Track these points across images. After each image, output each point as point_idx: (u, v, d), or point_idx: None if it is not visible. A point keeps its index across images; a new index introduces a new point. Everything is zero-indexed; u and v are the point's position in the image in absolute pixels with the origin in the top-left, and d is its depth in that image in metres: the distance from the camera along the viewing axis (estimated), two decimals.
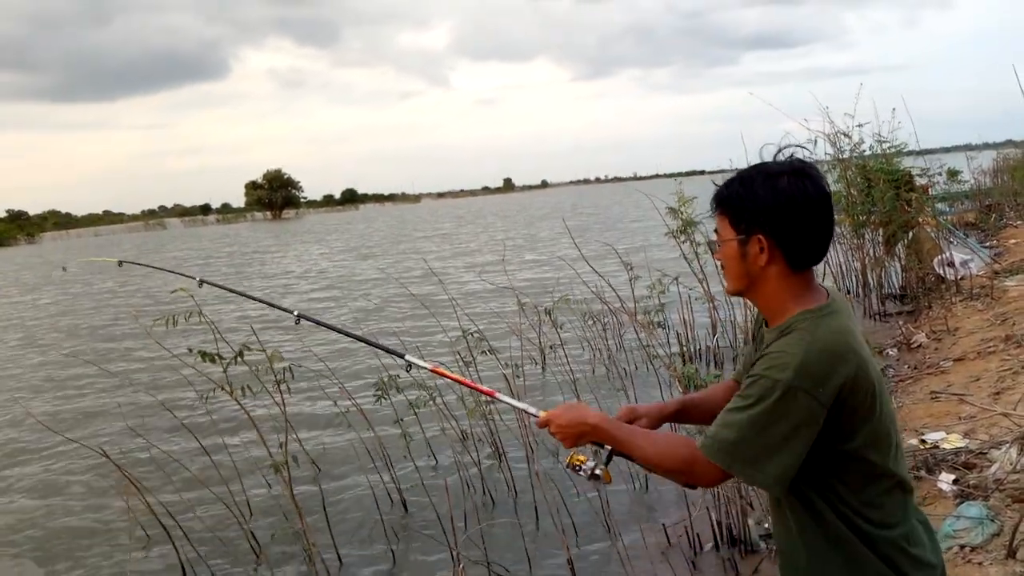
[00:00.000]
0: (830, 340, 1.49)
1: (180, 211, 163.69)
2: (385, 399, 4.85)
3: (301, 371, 5.71)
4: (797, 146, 1.63)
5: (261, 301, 2.81)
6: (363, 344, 2.49)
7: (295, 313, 2.50)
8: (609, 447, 1.73)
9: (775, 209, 1.53)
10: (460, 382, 2.20)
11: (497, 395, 2.09)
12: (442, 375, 2.19)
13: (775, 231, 1.54)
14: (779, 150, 1.64)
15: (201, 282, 2.89)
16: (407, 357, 2.21)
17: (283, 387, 3.90)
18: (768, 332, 1.61)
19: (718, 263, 1.73)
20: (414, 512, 5.10)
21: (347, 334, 2.57)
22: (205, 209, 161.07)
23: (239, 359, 3.81)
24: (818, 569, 1.58)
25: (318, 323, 2.58)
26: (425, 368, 2.17)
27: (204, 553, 4.58)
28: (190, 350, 3.91)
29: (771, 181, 1.54)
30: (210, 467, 5.52)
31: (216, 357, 3.83)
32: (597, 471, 1.77)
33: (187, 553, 4.55)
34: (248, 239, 49.80)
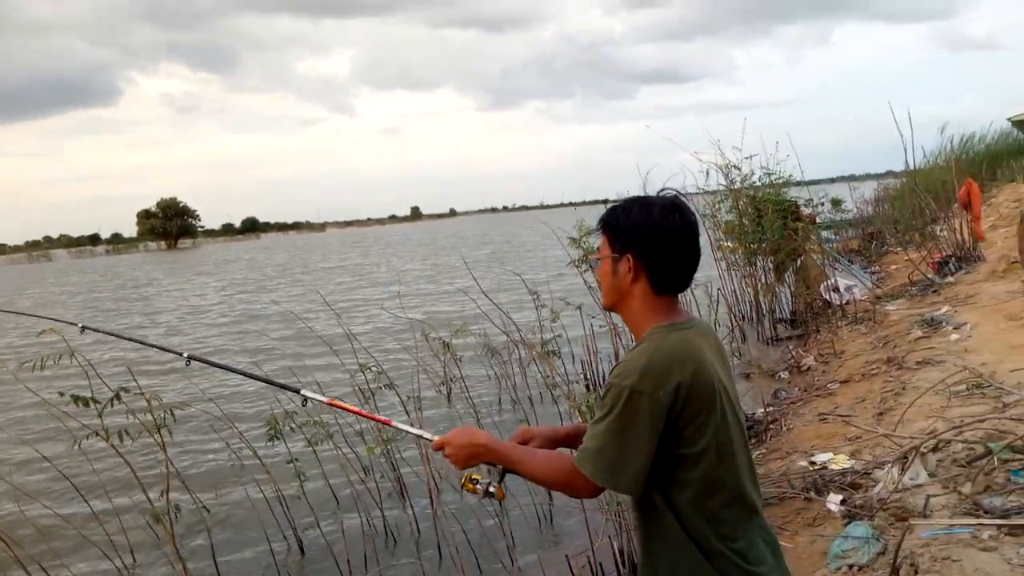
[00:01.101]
0: (672, 347, 1.63)
1: (67, 241, 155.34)
2: (278, 439, 4.65)
3: (190, 413, 5.45)
4: (675, 190, 1.80)
5: (151, 345, 2.69)
6: (259, 384, 2.41)
7: (185, 355, 2.47)
8: (500, 466, 1.84)
9: (644, 233, 1.70)
10: (356, 413, 2.28)
11: (393, 423, 2.21)
12: (339, 407, 2.26)
13: (642, 253, 1.70)
14: (662, 188, 1.80)
15: (83, 328, 2.74)
16: (303, 392, 2.27)
17: (163, 431, 3.67)
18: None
19: (596, 279, 1.88)
20: (311, 557, 4.90)
21: (240, 372, 2.56)
22: (94, 239, 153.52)
23: (115, 402, 3.56)
24: None
25: (209, 363, 2.57)
26: (322, 401, 2.24)
27: None
28: (61, 394, 3.64)
29: (645, 209, 1.71)
30: (90, 518, 5.15)
31: (91, 401, 3.57)
32: (491, 488, 1.87)
33: None
34: (138, 272, 47.64)
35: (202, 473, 6.43)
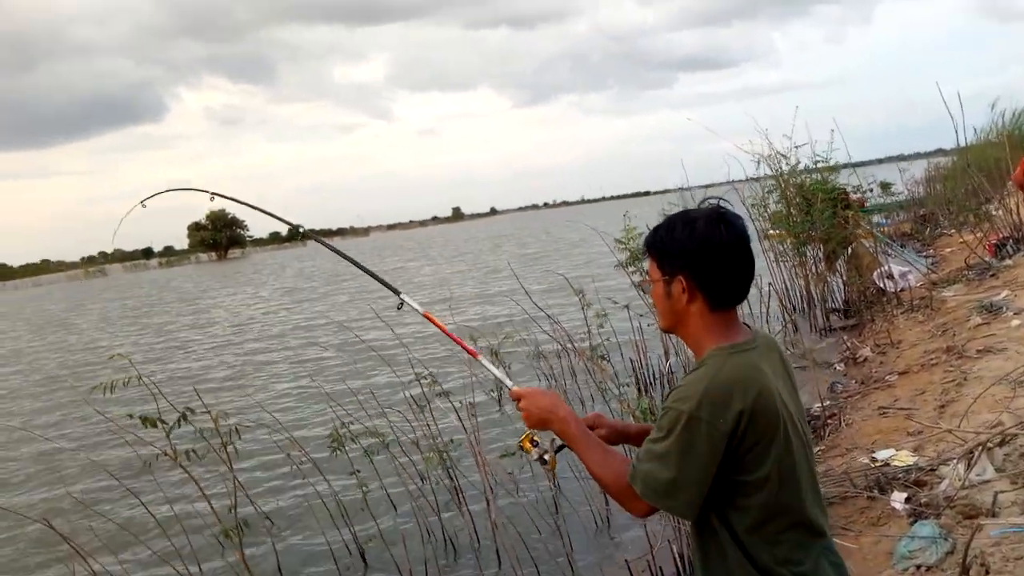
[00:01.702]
0: (733, 373, 1.59)
1: (121, 256, 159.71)
2: (340, 450, 4.74)
3: (250, 428, 5.58)
4: (719, 198, 1.75)
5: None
6: (311, 399, 2.46)
7: (401, 295, 2.42)
8: (564, 442, 1.83)
9: (693, 252, 1.66)
10: (448, 334, 2.27)
11: (480, 357, 2.24)
12: (432, 322, 2.27)
13: (694, 272, 1.66)
14: (704, 198, 1.77)
15: (213, 195, 2.77)
16: (402, 295, 2.36)
17: (230, 449, 3.78)
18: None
19: (651, 301, 1.85)
20: (374, 566, 4.98)
21: (353, 261, 2.61)
22: (147, 253, 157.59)
23: (182, 422, 3.68)
24: None
25: (339, 251, 2.75)
26: (417, 310, 2.28)
27: None
28: (131, 416, 3.77)
29: (689, 226, 1.67)
30: (159, 534, 5.30)
31: (158, 421, 3.69)
32: (546, 456, 1.88)
33: None
34: (190, 284, 48.76)
35: (264, 485, 6.57)
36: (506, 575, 4.58)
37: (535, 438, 1.89)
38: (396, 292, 2.36)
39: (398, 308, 2.37)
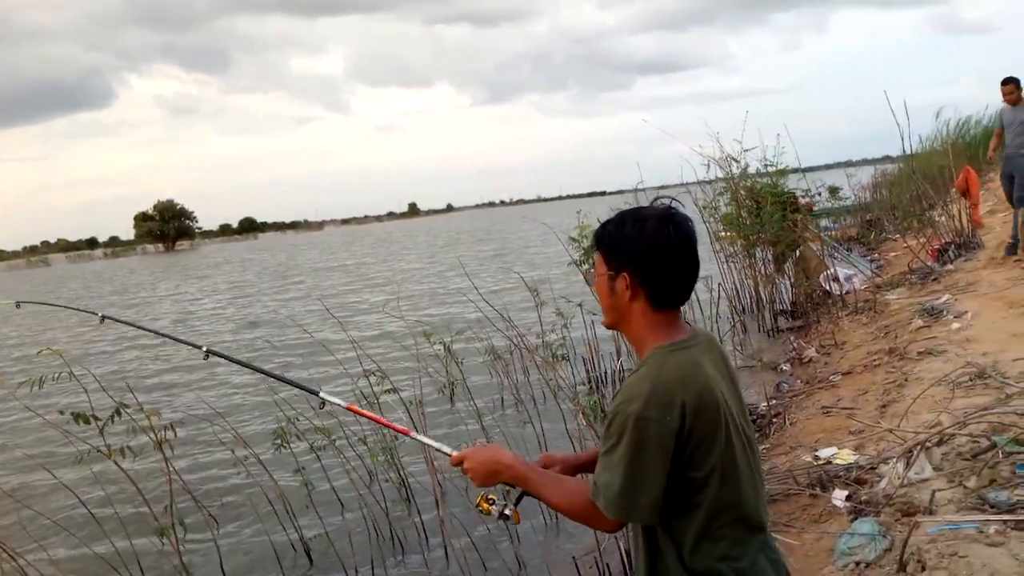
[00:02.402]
0: (675, 370, 1.59)
1: (64, 246, 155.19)
2: (285, 448, 4.65)
3: (193, 421, 5.45)
4: (672, 198, 1.74)
5: (169, 336, 2.65)
6: (260, 396, 2.39)
7: (204, 348, 2.47)
8: (520, 489, 1.81)
9: (639, 251, 1.65)
10: (375, 420, 2.24)
11: (412, 434, 2.17)
12: (358, 413, 2.22)
13: (639, 270, 1.66)
14: (656, 197, 1.76)
15: (103, 318, 2.73)
16: (321, 394, 2.25)
17: (164, 446, 3.67)
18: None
19: (596, 296, 1.82)
20: (319, 563, 4.90)
21: (259, 370, 2.52)
22: (92, 243, 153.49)
23: (115, 418, 3.56)
24: None
25: (228, 359, 2.58)
26: (339, 405, 2.20)
27: None
28: (62, 412, 3.64)
29: (639, 224, 1.66)
30: (95, 528, 5.14)
31: (91, 418, 3.57)
32: (507, 511, 1.85)
33: None
34: (137, 275, 47.60)
35: (207, 481, 6.42)
36: (453, 572, 4.55)
37: (490, 496, 1.85)
38: (315, 393, 2.28)
39: (321, 407, 2.31)
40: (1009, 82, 8.73)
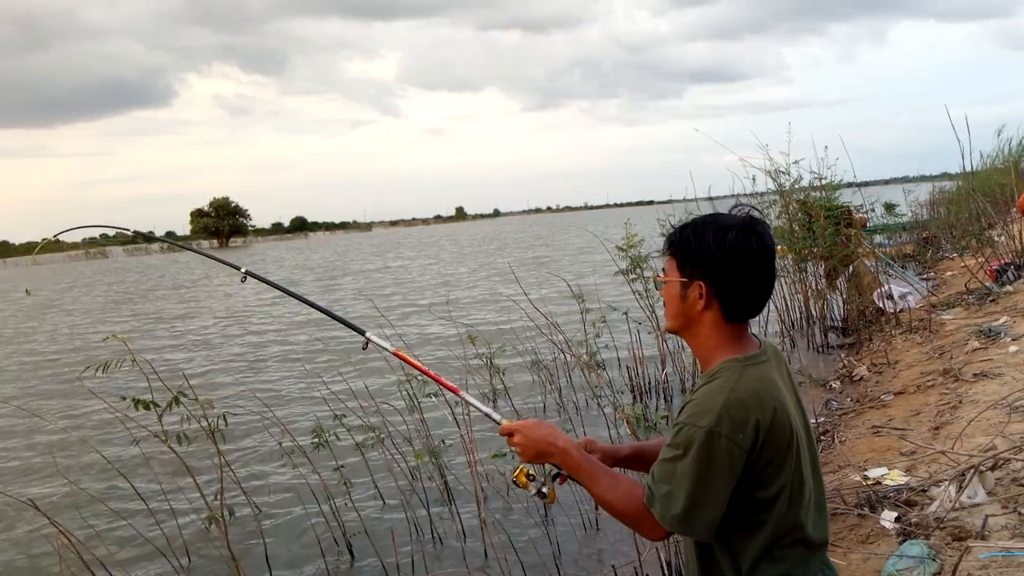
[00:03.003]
0: (751, 387, 1.53)
1: (123, 239, 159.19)
2: (324, 446, 4.73)
3: (240, 416, 5.58)
4: (751, 207, 1.70)
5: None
6: (311, 382, 2.41)
7: (242, 270, 2.32)
8: (565, 472, 1.76)
9: (719, 260, 1.58)
10: (424, 371, 2.12)
11: (461, 393, 2.07)
12: (404, 360, 2.11)
13: (715, 280, 1.59)
14: (736, 204, 1.71)
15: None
16: (367, 334, 2.14)
17: (217, 435, 3.77)
18: (700, 378, 1.66)
19: (661, 299, 1.78)
20: (360, 558, 4.97)
21: (305, 301, 2.38)
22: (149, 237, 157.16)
23: (174, 406, 3.67)
24: None
25: (268, 282, 2.45)
26: (387, 349, 2.08)
27: None
28: (123, 398, 3.76)
29: (720, 233, 1.59)
30: (146, 515, 5.30)
31: (151, 404, 3.69)
32: (544, 489, 1.79)
33: None
34: (190, 270, 48.73)
35: (255, 475, 6.56)
36: (492, 574, 4.57)
37: (530, 471, 1.80)
38: (361, 332, 2.16)
39: (363, 348, 2.18)
40: None
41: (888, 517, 3.91)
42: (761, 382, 1.56)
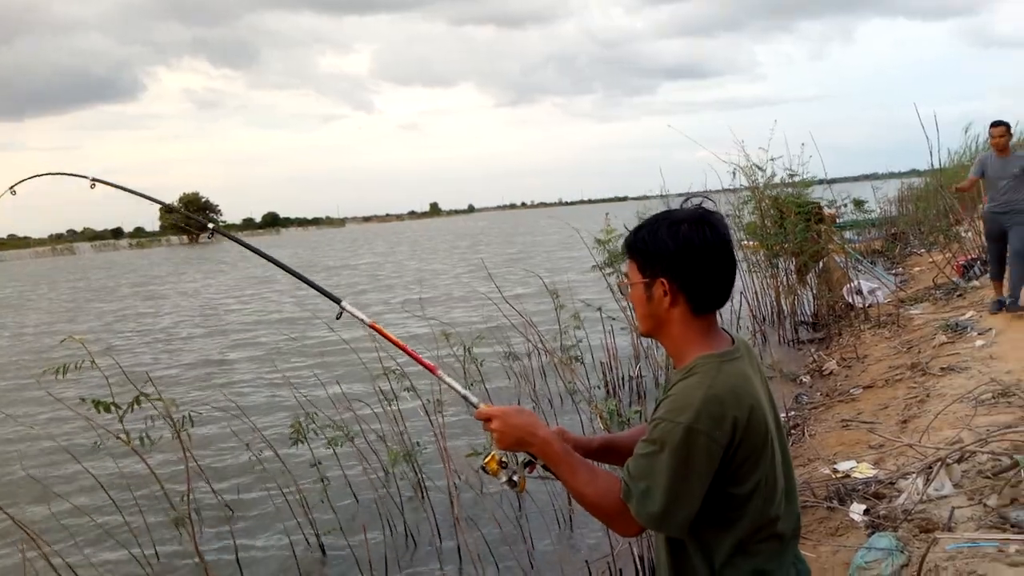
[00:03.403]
0: (728, 384, 1.53)
1: (90, 235, 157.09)
2: (302, 441, 4.69)
3: (212, 417, 5.51)
4: (704, 197, 1.70)
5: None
6: (272, 394, 2.37)
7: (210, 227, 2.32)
8: (540, 462, 1.73)
9: (675, 254, 1.59)
10: (399, 346, 2.04)
11: (438, 372, 2.00)
12: (380, 332, 2.04)
13: (676, 275, 1.60)
14: (686, 199, 1.69)
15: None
16: (343, 303, 2.05)
17: (183, 435, 3.71)
18: (674, 374, 1.65)
19: (629, 304, 1.77)
20: (332, 558, 4.93)
21: (282, 266, 2.21)
22: (117, 233, 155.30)
23: (135, 407, 3.60)
24: None
25: (237, 241, 2.40)
26: (362, 320, 2.00)
27: None
28: (83, 399, 3.69)
29: (674, 228, 1.60)
30: (115, 516, 5.22)
31: (112, 406, 3.61)
32: (515, 477, 1.75)
33: None
34: (167, 268, 48.08)
35: (225, 475, 6.48)
36: (466, 572, 4.56)
37: (502, 458, 1.74)
38: (336, 300, 2.07)
39: (337, 317, 2.08)
40: (999, 125, 7.29)
41: (857, 510, 3.96)
42: (737, 378, 1.56)
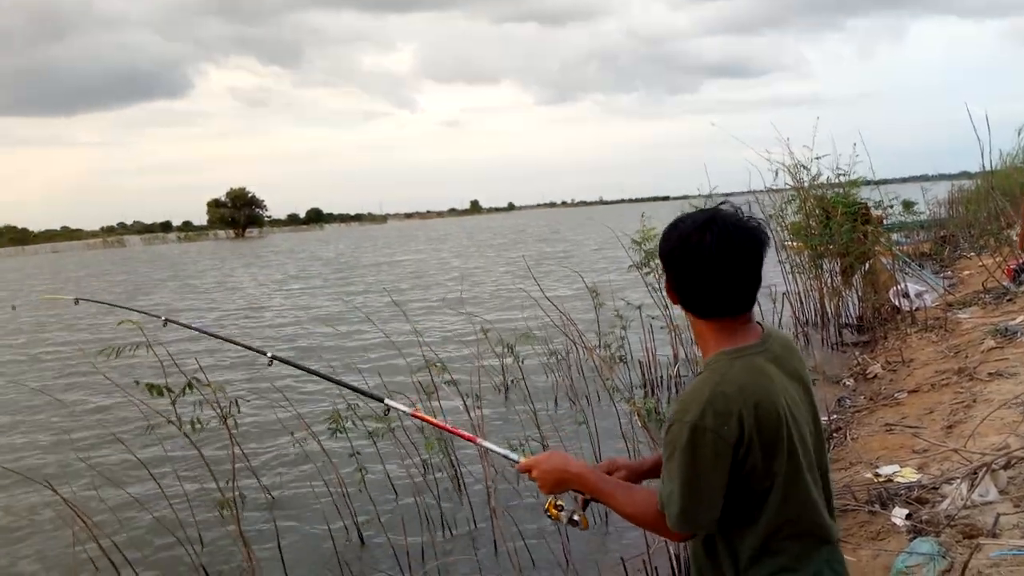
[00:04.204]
0: (736, 379, 1.53)
1: (140, 228, 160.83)
2: (341, 433, 4.77)
3: (259, 403, 5.63)
4: (729, 203, 1.66)
5: (231, 341, 2.69)
6: (323, 383, 2.46)
7: (268, 354, 2.52)
8: (587, 495, 1.79)
9: (670, 254, 1.61)
10: (441, 427, 2.20)
11: (478, 440, 2.14)
12: (422, 419, 2.19)
13: (673, 275, 1.62)
14: (721, 202, 1.67)
15: (166, 321, 2.79)
16: (386, 401, 2.24)
17: (230, 421, 3.81)
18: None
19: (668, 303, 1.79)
20: (371, 547, 5.01)
21: (322, 376, 2.52)
22: (166, 226, 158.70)
23: (188, 391, 3.71)
24: None
25: (293, 364, 2.61)
26: (404, 412, 2.19)
27: None
28: (137, 382, 3.81)
29: (676, 231, 1.60)
30: (161, 499, 5.37)
31: (165, 390, 3.73)
32: (575, 516, 1.84)
33: None
34: (213, 259, 49.03)
35: (268, 463, 6.62)
36: (502, 565, 4.60)
37: (558, 502, 1.86)
38: (380, 400, 2.29)
39: (384, 414, 2.37)
40: None
41: (899, 514, 3.90)
42: (748, 374, 1.54)
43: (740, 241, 1.55)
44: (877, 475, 4.50)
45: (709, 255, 1.54)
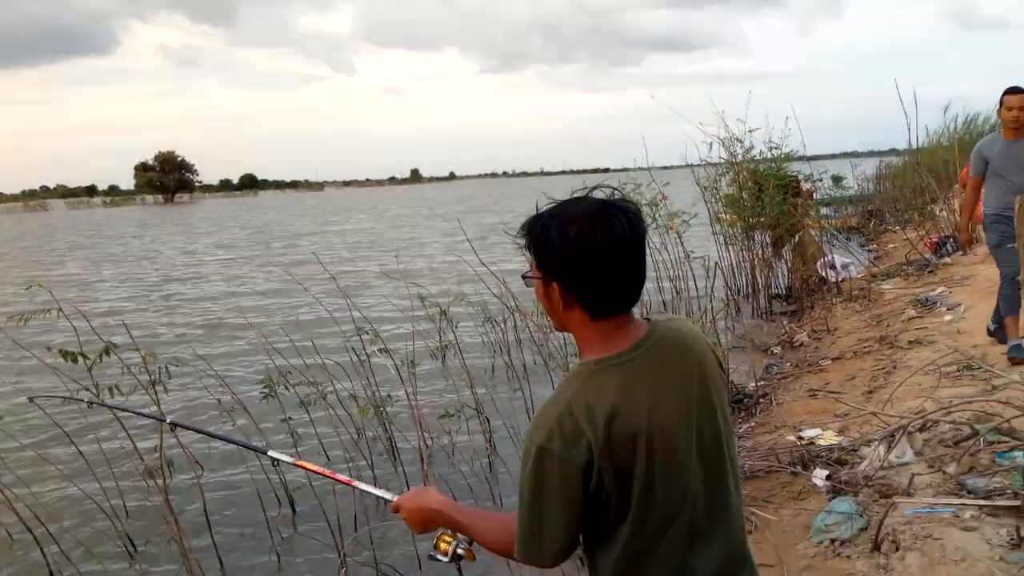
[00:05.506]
0: (588, 397, 1.40)
1: (64, 192, 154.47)
2: (273, 396, 4.68)
3: (182, 369, 5.48)
4: (607, 186, 1.53)
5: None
6: (250, 347, 2.40)
7: (167, 420, 2.55)
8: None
9: (564, 259, 1.43)
10: (321, 473, 2.16)
11: (355, 484, 2.08)
12: (304, 468, 2.17)
13: (567, 280, 1.44)
14: (595, 186, 1.53)
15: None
16: (270, 453, 2.26)
17: (158, 388, 3.69)
18: None
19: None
20: (302, 513, 4.96)
21: (214, 435, 2.70)
22: (91, 191, 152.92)
23: (104, 357, 3.57)
24: None
25: (191, 428, 2.66)
26: (288, 463, 2.20)
27: (75, 557, 4.32)
28: (49, 348, 3.64)
29: (565, 228, 1.42)
30: (82, 466, 5.19)
31: (80, 356, 3.57)
32: (459, 550, 1.71)
33: (55, 557, 4.28)
34: (144, 226, 47.43)
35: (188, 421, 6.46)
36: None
37: (445, 536, 1.71)
38: (263, 452, 2.34)
39: (274, 465, 2.39)
40: (1018, 92, 5.05)
41: (819, 475, 4.03)
42: (602, 390, 1.41)
43: (623, 231, 1.42)
44: (800, 438, 4.64)
45: (604, 251, 1.40)
